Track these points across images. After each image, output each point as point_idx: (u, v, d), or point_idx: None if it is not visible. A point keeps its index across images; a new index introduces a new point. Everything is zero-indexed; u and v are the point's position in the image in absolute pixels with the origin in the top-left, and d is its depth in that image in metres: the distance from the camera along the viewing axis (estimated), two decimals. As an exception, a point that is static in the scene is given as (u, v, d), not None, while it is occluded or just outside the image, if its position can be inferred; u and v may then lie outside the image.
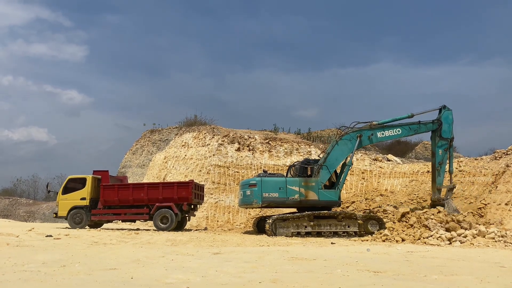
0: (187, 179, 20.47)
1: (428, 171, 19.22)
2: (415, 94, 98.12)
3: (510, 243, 11.30)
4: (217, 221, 20.14)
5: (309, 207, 14.68)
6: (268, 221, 14.28)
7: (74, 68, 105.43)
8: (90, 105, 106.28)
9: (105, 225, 17.96)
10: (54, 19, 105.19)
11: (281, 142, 24.53)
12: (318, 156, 17.62)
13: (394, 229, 13.50)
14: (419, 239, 12.32)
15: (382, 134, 15.23)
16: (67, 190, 16.95)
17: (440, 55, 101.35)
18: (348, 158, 15.30)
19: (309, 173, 15.19)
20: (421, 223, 13.56)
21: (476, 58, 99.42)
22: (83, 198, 16.65)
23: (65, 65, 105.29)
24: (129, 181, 22.23)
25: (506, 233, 11.84)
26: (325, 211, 14.43)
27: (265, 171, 16.39)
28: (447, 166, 15.48)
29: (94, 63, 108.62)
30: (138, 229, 16.76)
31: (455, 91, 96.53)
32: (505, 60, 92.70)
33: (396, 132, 15.36)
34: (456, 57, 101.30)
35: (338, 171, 15.58)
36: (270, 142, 24.44)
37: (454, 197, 17.00)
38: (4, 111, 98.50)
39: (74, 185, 17.07)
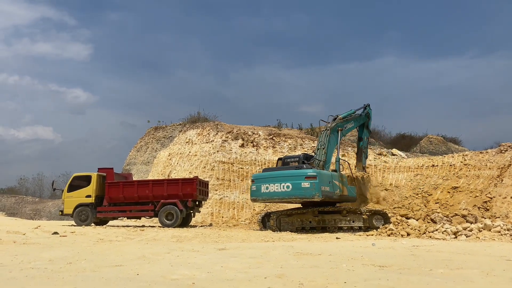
0: (191, 176, 20.51)
1: (433, 165, 19.17)
2: (420, 88, 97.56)
3: (516, 236, 11.22)
4: (222, 217, 20.17)
5: (342, 202, 14.99)
6: (272, 217, 14.27)
7: (79, 66, 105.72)
8: (95, 103, 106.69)
9: (110, 222, 18.06)
10: (59, 18, 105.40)
11: (285, 138, 24.50)
12: (314, 152, 17.36)
13: (399, 223, 13.47)
14: (424, 233, 12.28)
15: (346, 127, 16.40)
16: (72, 188, 17.05)
17: (445, 48, 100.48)
18: (336, 152, 15.57)
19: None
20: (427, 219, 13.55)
21: (482, 51, 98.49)
22: (89, 196, 16.74)
23: (70, 64, 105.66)
24: (134, 178, 22.31)
25: (512, 227, 11.77)
26: (329, 206, 14.41)
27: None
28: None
29: (98, 62, 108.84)
30: (143, 226, 16.82)
31: (461, 84, 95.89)
32: None
33: (352, 125, 16.87)
34: (462, 50, 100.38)
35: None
36: (274, 138, 24.41)
37: (460, 191, 16.97)
38: (10, 110, 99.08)
39: (79, 182, 17.17)
